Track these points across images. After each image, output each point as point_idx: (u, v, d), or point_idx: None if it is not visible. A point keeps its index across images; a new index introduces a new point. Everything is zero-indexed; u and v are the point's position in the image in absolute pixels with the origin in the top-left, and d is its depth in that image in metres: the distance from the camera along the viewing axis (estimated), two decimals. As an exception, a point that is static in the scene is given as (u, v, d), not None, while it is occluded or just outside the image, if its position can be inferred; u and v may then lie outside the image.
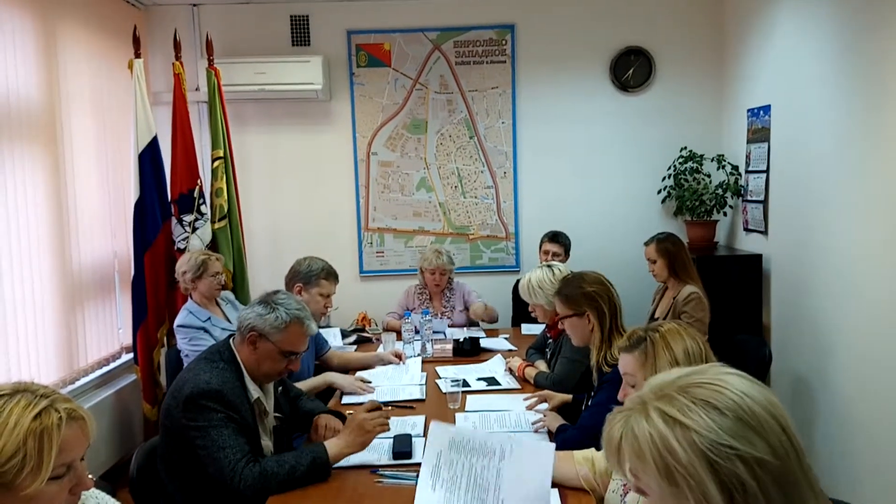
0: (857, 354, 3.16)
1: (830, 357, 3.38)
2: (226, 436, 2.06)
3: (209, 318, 3.46)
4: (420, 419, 2.61)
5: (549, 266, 3.11)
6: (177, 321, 3.48)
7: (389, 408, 2.33)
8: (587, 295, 2.49)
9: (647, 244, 3.68)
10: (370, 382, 3.12)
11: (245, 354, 2.23)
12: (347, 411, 2.61)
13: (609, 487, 1.87)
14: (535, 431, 2.47)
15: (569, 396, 2.72)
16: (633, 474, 0.94)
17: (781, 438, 0.88)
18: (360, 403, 2.83)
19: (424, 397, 2.91)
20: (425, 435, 2.44)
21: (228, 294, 3.85)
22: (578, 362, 2.80)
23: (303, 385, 2.95)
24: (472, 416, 2.63)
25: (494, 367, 3.30)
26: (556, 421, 2.46)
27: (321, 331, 3.60)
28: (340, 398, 2.99)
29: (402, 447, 2.29)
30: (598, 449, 2.01)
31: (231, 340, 2.29)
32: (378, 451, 2.30)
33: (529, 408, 2.68)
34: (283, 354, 2.22)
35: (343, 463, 2.19)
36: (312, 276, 3.29)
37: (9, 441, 1.21)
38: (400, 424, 2.56)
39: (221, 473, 2.03)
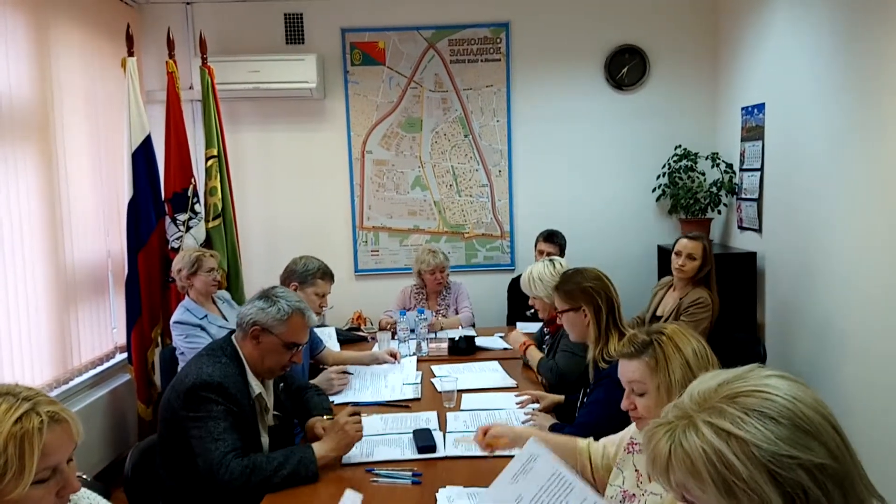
0: (852, 351, 3.18)
1: (825, 354, 3.39)
2: (222, 428, 2.07)
3: (206, 316, 3.46)
4: (433, 415, 2.63)
5: (550, 260, 3.12)
6: (173, 318, 3.48)
7: (364, 413, 2.45)
8: (584, 290, 2.48)
9: (691, 238, 3.48)
10: (351, 374, 3.14)
11: (248, 350, 2.24)
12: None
13: (607, 493, 1.86)
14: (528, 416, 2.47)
15: (560, 397, 2.72)
16: (681, 489, 0.91)
17: (836, 439, 0.87)
18: (354, 404, 2.85)
19: (420, 396, 2.91)
20: (441, 429, 2.47)
21: (225, 294, 3.84)
22: (581, 357, 2.79)
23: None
24: (463, 416, 2.63)
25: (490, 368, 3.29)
26: (548, 420, 2.45)
27: (316, 330, 3.59)
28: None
29: (426, 441, 2.29)
30: None
31: (233, 337, 2.29)
32: (400, 446, 2.32)
33: (521, 406, 2.68)
34: (287, 346, 2.25)
35: (343, 460, 2.22)
36: (308, 275, 3.29)
37: None
38: (414, 420, 2.57)
39: (210, 464, 2.03)
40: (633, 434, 1.83)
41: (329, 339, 3.71)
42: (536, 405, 2.67)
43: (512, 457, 1.80)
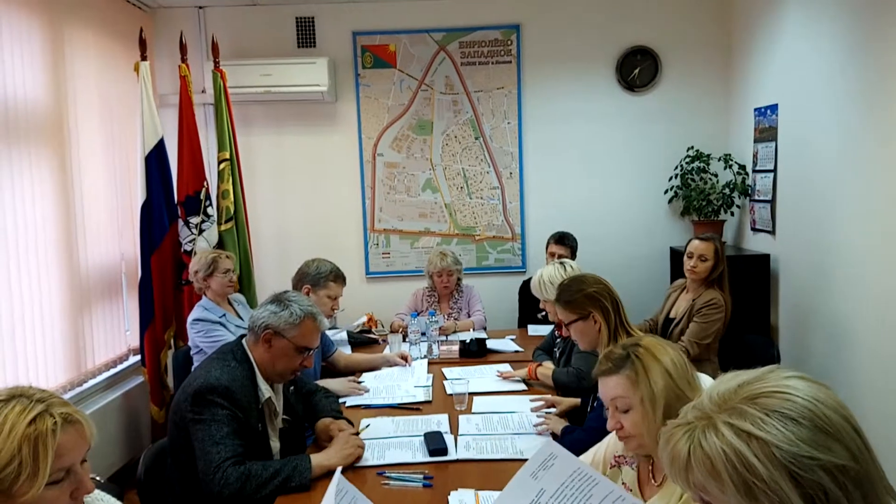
0: (866, 354, 3.14)
1: (839, 357, 3.36)
2: (224, 433, 2.08)
3: (224, 315, 3.49)
4: (444, 417, 2.62)
5: (560, 263, 3.10)
6: (191, 316, 3.51)
7: (363, 429, 2.50)
8: (589, 296, 2.45)
9: (702, 240, 3.46)
10: (362, 382, 3.14)
11: (259, 354, 2.25)
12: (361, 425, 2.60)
13: None
14: (538, 434, 2.45)
15: (576, 401, 2.70)
16: (700, 490, 0.91)
17: (857, 441, 0.87)
18: (365, 406, 2.85)
19: (431, 399, 2.90)
20: (453, 432, 2.46)
21: (240, 297, 3.85)
22: (596, 356, 2.77)
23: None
24: (475, 418, 2.62)
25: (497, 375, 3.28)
26: (560, 423, 2.44)
27: (328, 332, 3.61)
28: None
29: (437, 444, 2.29)
30: None
31: (243, 340, 2.30)
32: (411, 449, 2.33)
33: (535, 410, 2.66)
34: (298, 351, 2.26)
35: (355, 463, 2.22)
36: (321, 277, 3.30)
37: (3, 448, 1.21)
38: (425, 423, 2.57)
39: (207, 469, 2.03)
40: (617, 448, 1.79)
41: (341, 342, 3.73)
42: (552, 410, 2.65)
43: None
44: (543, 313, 3.25)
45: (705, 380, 1.92)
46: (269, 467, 2.08)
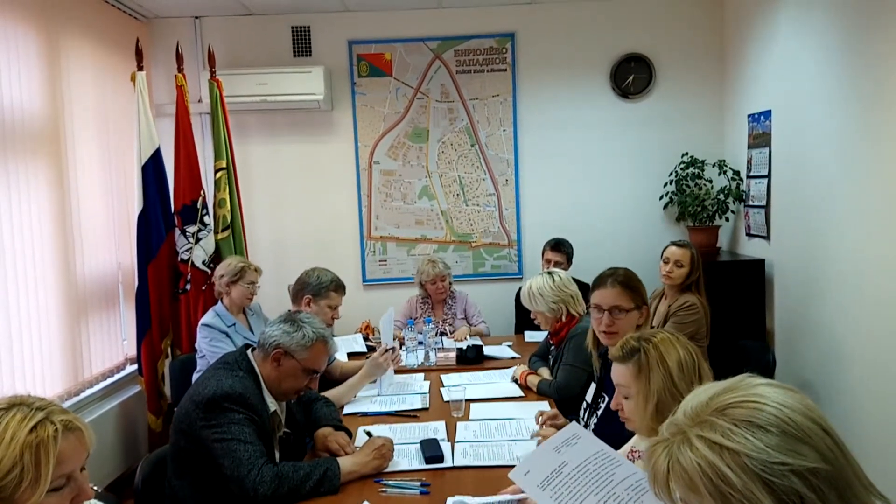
0: (861, 359, 3.16)
1: (835, 362, 3.37)
2: (248, 433, 2.07)
3: (234, 325, 3.50)
4: (441, 424, 2.63)
5: (549, 273, 3.11)
6: (203, 320, 3.52)
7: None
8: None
9: (679, 245, 3.50)
10: (391, 350, 3.12)
11: (267, 371, 2.25)
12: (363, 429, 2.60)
13: None
14: (538, 444, 2.44)
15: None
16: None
17: (827, 442, 0.88)
18: (362, 414, 2.85)
19: (428, 406, 2.91)
20: (450, 439, 2.47)
21: (256, 305, 3.84)
22: (580, 369, 2.79)
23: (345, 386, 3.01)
24: (473, 426, 2.63)
25: (498, 378, 3.29)
26: (551, 432, 2.43)
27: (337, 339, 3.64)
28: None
29: (433, 452, 2.30)
30: None
31: (249, 352, 2.31)
32: (407, 457, 2.33)
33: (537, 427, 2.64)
34: (306, 372, 2.26)
35: None
36: (322, 288, 3.31)
37: (5, 455, 1.22)
38: (422, 430, 2.57)
39: (239, 467, 2.02)
40: (633, 443, 1.83)
41: (356, 344, 3.89)
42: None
43: None
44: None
45: None
46: (300, 469, 2.08)
